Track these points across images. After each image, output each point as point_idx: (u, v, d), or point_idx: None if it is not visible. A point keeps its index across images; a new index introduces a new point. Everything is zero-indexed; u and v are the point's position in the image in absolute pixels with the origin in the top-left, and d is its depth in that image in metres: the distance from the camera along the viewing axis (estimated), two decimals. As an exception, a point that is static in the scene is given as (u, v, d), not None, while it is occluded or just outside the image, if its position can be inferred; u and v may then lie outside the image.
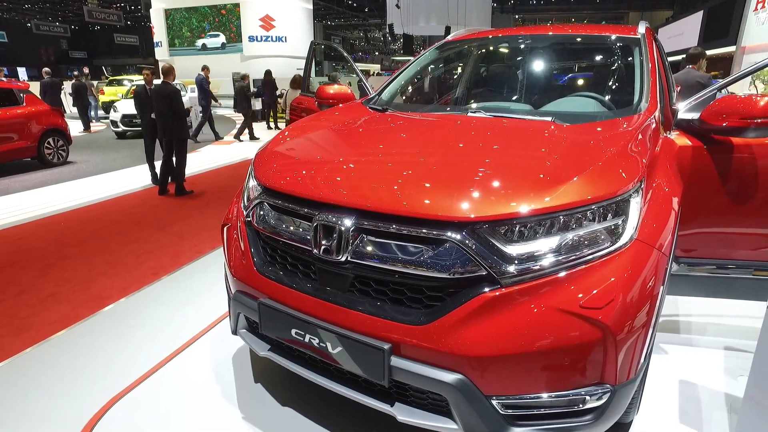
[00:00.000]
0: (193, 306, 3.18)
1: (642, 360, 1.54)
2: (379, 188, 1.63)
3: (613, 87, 2.72)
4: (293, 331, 1.72)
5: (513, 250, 1.46)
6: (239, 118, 16.39)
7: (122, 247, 4.46)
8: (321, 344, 1.65)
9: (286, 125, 4.21)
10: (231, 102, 19.32)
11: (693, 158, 2.24)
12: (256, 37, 17.90)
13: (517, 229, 1.47)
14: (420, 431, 1.88)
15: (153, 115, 6.54)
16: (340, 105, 3.00)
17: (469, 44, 3.46)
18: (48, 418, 2.14)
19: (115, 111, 11.80)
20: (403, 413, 1.59)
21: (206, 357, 2.57)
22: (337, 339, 1.60)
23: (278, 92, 12.95)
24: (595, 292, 1.43)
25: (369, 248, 1.57)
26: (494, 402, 1.47)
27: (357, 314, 1.58)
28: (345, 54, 4.03)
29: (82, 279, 3.73)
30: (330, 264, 1.65)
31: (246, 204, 2.06)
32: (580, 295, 1.43)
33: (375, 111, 2.64)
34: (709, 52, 9.94)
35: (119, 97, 14.19)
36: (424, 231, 1.49)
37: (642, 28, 2.76)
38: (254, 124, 12.49)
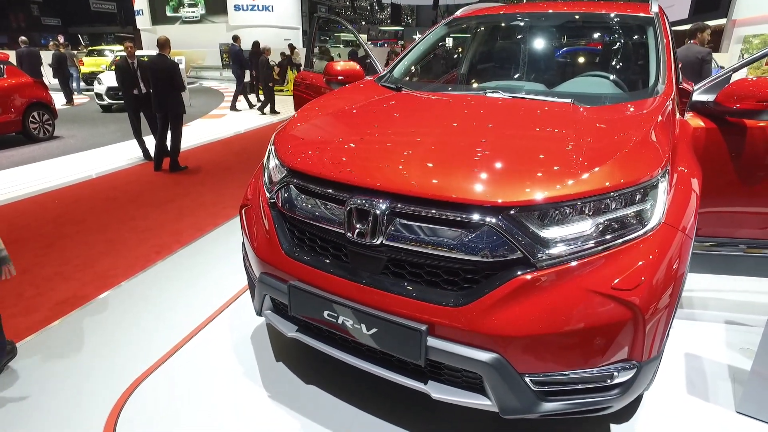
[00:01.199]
0: (202, 286, 3.19)
1: (665, 338, 1.61)
2: (415, 172, 1.64)
3: (628, 67, 2.73)
4: (326, 313, 1.74)
5: (548, 233, 1.49)
6: (226, 90, 16.10)
7: (121, 224, 4.41)
8: (355, 325, 1.68)
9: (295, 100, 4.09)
10: (217, 74, 18.97)
11: (707, 140, 2.29)
12: (242, 6, 17.33)
13: (552, 213, 1.50)
14: (444, 410, 1.96)
15: (136, 91, 6.40)
16: (352, 83, 2.96)
17: (479, 21, 3.42)
18: (74, 403, 2.16)
19: (99, 83, 11.43)
20: (437, 391, 1.64)
21: (224, 337, 2.59)
22: (372, 320, 1.63)
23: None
24: (626, 274, 1.48)
25: (404, 232, 1.59)
26: (527, 379, 1.54)
27: (393, 296, 1.61)
28: (350, 27, 3.95)
29: (84, 257, 3.70)
30: (363, 247, 1.67)
31: (269, 185, 2.05)
32: (612, 277, 1.47)
33: (390, 89, 2.62)
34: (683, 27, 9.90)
35: (103, 69, 13.73)
36: (461, 215, 1.52)
37: (655, 7, 2.75)
38: (242, 97, 12.26)
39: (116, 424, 2.01)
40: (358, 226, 1.64)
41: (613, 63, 2.84)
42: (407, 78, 3.00)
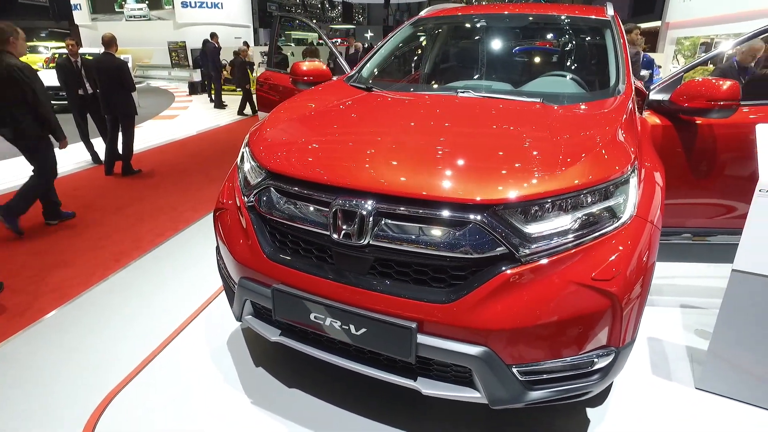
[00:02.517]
0: (171, 292, 3.08)
1: (639, 323, 1.71)
2: (401, 172, 1.66)
3: (589, 68, 2.87)
4: (312, 315, 1.73)
5: (531, 229, 1.55)
6: (176, 90, 15.52)
7: (73, 232, 4.18)
8: (343, 326, 1.68)
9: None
10: (165, 73, 18.22)
11: (663, 136, 2.44)
12: (190, 2, 16.72)
13: (534, 209, 1.56)
14: (426, 404, 2.00)
15: (81, 92, 6.08)
16: (323, 84, 2.94)
17: (444, 21, 3.48)
18: (45, 419, 2.04)
19: (36, 82, 10.72)
20: (427, 387, 1.67)
21: (200, 344, 2.52)
22: (361, 320, 1.64)
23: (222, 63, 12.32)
24: (604, 265, 1.56)
25: (390, 232, 1.61)
26: (514, 370, 1.59)
27: (381, 296, 1.62)
28: (314, 26, 3.91)
29: (35, 269, 3.48)
30: (349, 248, 1.67)
31: (245, 189, 2.01)
32: (592, 268, 1.55)
33: (360, 90, 2.63)
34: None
35: (39, 67, 12.89)
36: (447, 214, 1.55)
37: (611, 10, 2.90)
38: (194, 97, 11.89)
39: (91, 442, 1.92)
40: (343, 227, 1.64)
41: (575, 64, 2.98)
42: (376, 78, 3.02)
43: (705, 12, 13.08)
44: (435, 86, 2.92)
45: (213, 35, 11.93)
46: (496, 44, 3.16)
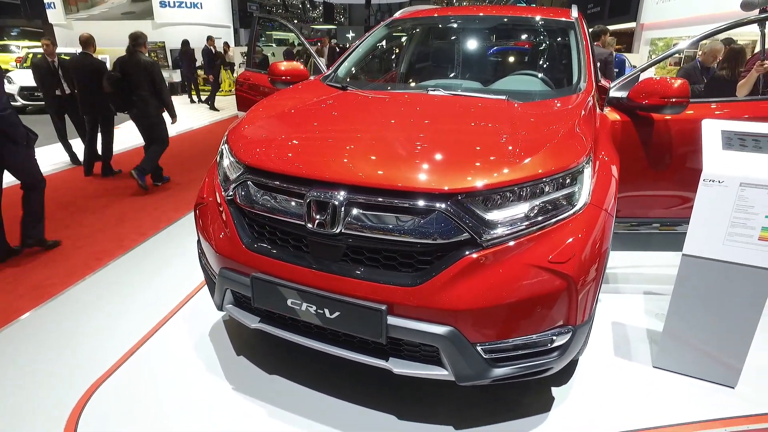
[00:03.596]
0: (152, 289, 3.13)
1: (594, 304, 1.84)
2: (370, 165, 1.76)
3: (554, 67, 3.01)
4: (289, 302, 1.83)
5: (491, 216, 1.67)
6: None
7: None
8: (318, 311, 1.78)
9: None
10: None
11: (623, 131, 2.59)
12: (168, 2, 16.54)
13: (494, 197, 1.68)
14: (404, 384, 2.10)
15: (58, 92, 6.05)
16: (300, 83, 3.03)
17: (418, 22, 3.59)
18: (29, 414, 2.09)
19: (10, 82, 10.56)
20: (398, 366, 1.78)
21: (181, 337, 2.58)
22: (334, 304, 1.74)
23: (197, 63, 12.27)
24: (560, 248, 1.68)
25: (361, 220, 1.71)
26: (479, 348, 1.71)
27: (353, 281, 1.72)
28: (292, 27, 3.99)
29: (13, 269, 3.49)
30: (323, 236, 1.77)
31: (224, 183, 2.09)
32: (548, 252, 1.68)
33: (336, 89, 2.72)
34: (612, 27, 10.89)
35: (13, 67, 12.67)
36: (413, 203, 1.66)
37: (575, 12, 3.05)
38: (174, 98, 11.80)
39: (76, 430, 1.97)
40: (317, 217, 1.74)
41: (541, 63, 3.12)
42: (352, 78, 3.12)
43: (678, 14, 13.50)
44: (406, 85, 3.03)
45: (209, 38, 12.35)
46: (468, 45, 3.29)
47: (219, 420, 2.02)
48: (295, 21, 47.48)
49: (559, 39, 3.06)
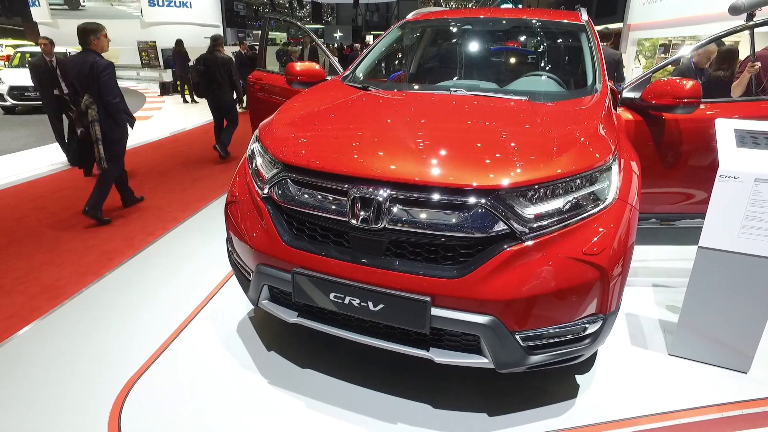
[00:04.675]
0: (172, 287, 3.16)
1: (622, 294, 1.94)
2: (414, 162, 1.83)
3: (566, 68, 3.11)
4: (332, 296, 1.89)
5: (530, 211, 1.75)
6: (146, 91, 15.21)
7: (58, 233, 4.16)
8: (362, 304, 1.84)
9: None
10: (133, 73, 17.81)
11: (635, 130, 2.70)
12: (157, 1, 16.37)
13: (533, 193, 1.77)
14: (434, 374, 2.17)
15: (56, 92, 6.00)
16: (321, 83, 3.09)
17: (430, 24, 3.67)
18: (71, 411, 2.12)
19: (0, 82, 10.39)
20: (439, 355, 1.85)
21: (209, 334, 2.62)
22: (379, 297, 1.80)
23: (191, 63, 12.17)
24: (593, 241, 1.78)
25: (405, 216, 1.79)
26: (517, 336, 1.79)
27: (396, 274, 1.79)
28: (302, 26, 4.04)
29: (24, 270, 3.48)
30: (366, 232, 1.83)
31: (260, 181, 2.14)
32: (582, 244, 1.77)
33: (357, 89, 2.79)
34: (598, 28, 11.15)
35: (2, 66, 12.43)
36: (458, 198, 1.74)
37: (585, 15, 3.16)
38: (166, 98, 11.73)
39: (120, 425, 2.01)
40: (361, 213, 1.80)
41: (555, 64, 3.22)
42: (370, 78, 3.18)
43: (663, 15, 13.82)
44: (428, 85, 3.10)
45: (242, 43, 12.72)
46: (481, 46, 3.37)
47: (260, 416, 2.06)
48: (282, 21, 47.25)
49: (570, 41, 3.17)
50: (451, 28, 3.58)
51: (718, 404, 2.17)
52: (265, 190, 2.09)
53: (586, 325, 1.85)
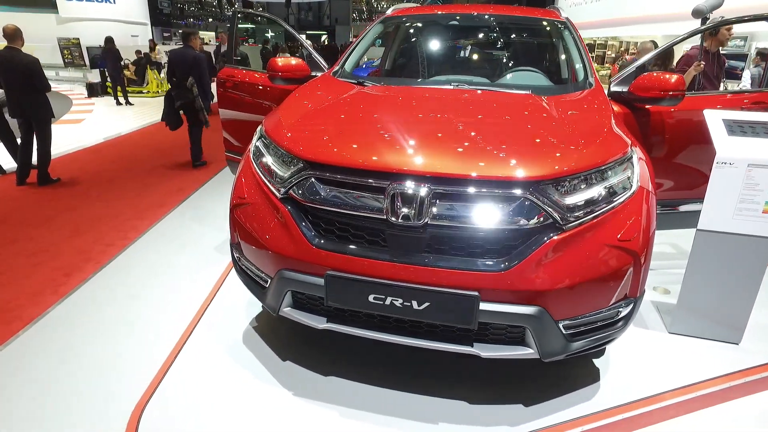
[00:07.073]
0: (155, 301, 2.91)
1: (647, 277, 2.02)
2: (451, 156, 1.80)
3: (553, 63, 3.21)
4: (371, 297, 1.81)
5: (569, 201, 1.78)
6: (70, 92, 13.98)
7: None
8: (405, 303, 1.78)
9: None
10: (52, 73, 16.22)
11: (624, 122, 2.83)
12: (75, -6, 15.10)
13: (572, 183, 1.79)
14: (459, 370, 2.14)
15: None
16: (314, 78, 2.96)
17: (417, 19, 3.66)
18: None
19: None
20: (485, 350, 1.83)
21: (213, 348, 2.43)
22: (424, 295, 1.75)
23: (122, 62, 11.35)
24: (626, 227, 1.84)
25: (447, 211, 1.75)
26: (561, 324, 1.81)
27: (441, 270, 1.75)
28: (282, 22, 3.88)
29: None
30: (405, 229, 1.77)
31: (275, 181, 2.02)
32: (617, 231, 1.82)
33: (353, 84, 2.71)
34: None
35: None
36: (501, 191, 1.72)
37: (564, 13, 3.28)
38: (95, 99, 10.85)
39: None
40: (403, 210, 1.74)
41: (541, 60, 3.32)
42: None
43: (590, 16, 14.78)
44: (426, 80, 3.07)
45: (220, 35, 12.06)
46: (467, 42, 3.40)
47: (289, 424, 1.95)
48: (210, 19, 45.41)
49: (556, 38, 3.27)
50: (437, 24, 3.57)
51: (717, 377, 2.31)
52: (284, 191, 1.97)
53: (620, 309, 1.90)
